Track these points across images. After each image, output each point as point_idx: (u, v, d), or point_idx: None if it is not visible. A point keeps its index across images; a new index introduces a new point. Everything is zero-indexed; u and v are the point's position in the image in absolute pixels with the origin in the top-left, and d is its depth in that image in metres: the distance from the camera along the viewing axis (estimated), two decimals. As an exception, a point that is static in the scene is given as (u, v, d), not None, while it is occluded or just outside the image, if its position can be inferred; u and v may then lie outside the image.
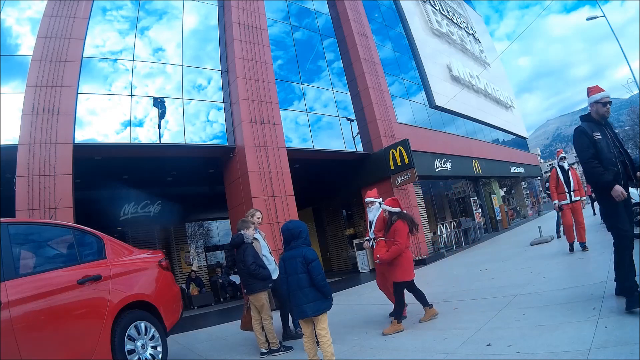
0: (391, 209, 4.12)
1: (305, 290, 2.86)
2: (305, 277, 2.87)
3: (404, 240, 3.91)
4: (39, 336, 2.56)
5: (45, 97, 6.65)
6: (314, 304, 2.85)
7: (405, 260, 3.94)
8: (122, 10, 8.41)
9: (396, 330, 3.76)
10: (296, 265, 2.89)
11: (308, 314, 2.86)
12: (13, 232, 2.81)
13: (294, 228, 3.01)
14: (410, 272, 3.95)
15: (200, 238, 13.85)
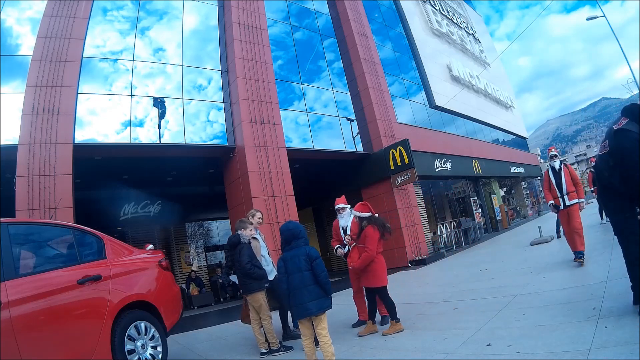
0: (361, 215, 4.07)
1: (309, 287, 2.86)
2: (309, 275, 2.88)
3: (374, 247, 3.88)
4: (39, 336, 2.56)
5: (45, 97, 6.65)
6: (318, 301, 2.86)
7: (378, 266, 3.91)
8: (122, 10, 8.41)
9: (397, 330, 3.76)
10: (300, 263, 2.90)
11: (313, 312, 2.85)
12: (13, 232, 2.81)
13: (295, 228, 3.05)
14: (383, 278, 3.91)
15: (200, 238, 13.86)
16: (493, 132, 19.67)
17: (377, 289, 3.92)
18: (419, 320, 4.09)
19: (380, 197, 11.05)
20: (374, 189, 11.24)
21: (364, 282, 4.08)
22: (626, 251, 2.74)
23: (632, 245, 2.65)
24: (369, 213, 4.07)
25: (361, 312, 4.38)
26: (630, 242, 2.66)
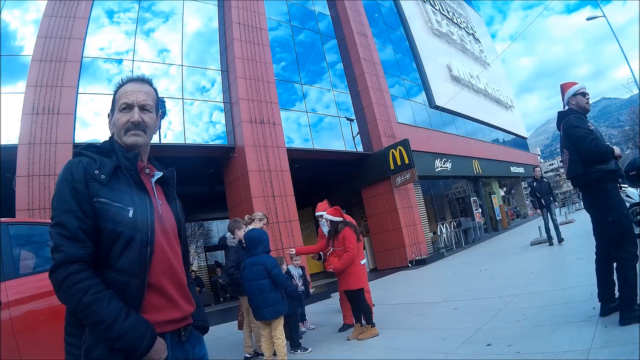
0: (334, 219, 4.08)
1: (264, 295, 3.11)
2: (266, 283, 3.11)
3: (354, 247, 3.88)
4: (39, 336, 2.56)
5: (45, 97, 6.65)
6: (273, 308, 3.12)
7: (356, 269, 3.91)
8: (121, 10, 8.41)
9: (372, 335, 3.74)
10: (257, 272, 3.13)
11: (267, 317, 3.13)
12: (13, 232, 2.81)
13: (256, 236, 3.26)
14: (361, 280, 3.90)
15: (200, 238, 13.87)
16: (493, 132, 19.67)
17: (354, 291, 3.90)
18: (419, 320, 4.09)
19: (380, 197, 11.05)
20: (374, 189, 11.24)
21: (342, 285, 4.05)
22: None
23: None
24: (340, 218, 4.09)
25: (347, 316, 4.37)
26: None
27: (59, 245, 0.94)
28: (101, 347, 0.92)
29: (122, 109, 1.16)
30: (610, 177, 2.67)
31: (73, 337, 0.96)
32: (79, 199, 0.98)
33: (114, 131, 1.19)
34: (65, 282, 0.91)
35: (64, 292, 0.92)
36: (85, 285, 0.91)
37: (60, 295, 0.94)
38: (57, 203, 0.98)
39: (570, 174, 2.83)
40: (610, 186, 2.68)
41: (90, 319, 0.91)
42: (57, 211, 0.97)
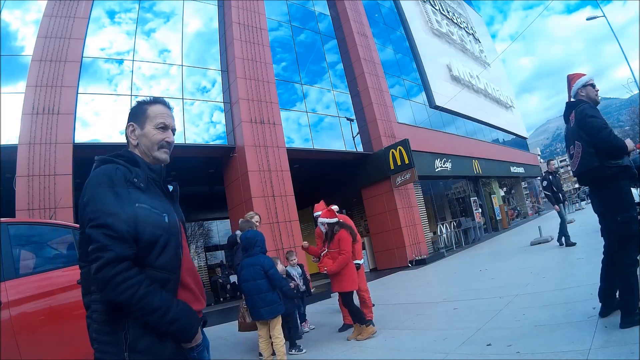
0: (329, 221, 4.07)
1: (262, 295, 3.16)
2: (263, 283, 3.15)
3: (349, 248, 3.88)
4: (39, 336, 2.56)
5: (45, 97, 6.65)
6: (270, 308, 3.16)
7: (347, 271, 3.89)
8: (122, 10, 8.41)
9: (370, 334, 3.74)
10: (255, 272, 3.18)
11: (265, 317, 3.17)
12: (13, 232, 2.81)
13: (251, 237, 3.30)
14: (351, 283, 3.89)
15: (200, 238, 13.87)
16: (493, 132, 19.68)
17: (343, 293, 3.90)
18: (419, 320, 4.09)
19: (380, 197, 11.05)
20: (374, 189, 11.24)
21: (334, 287, 4.03)
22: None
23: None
24: (335, 219, 4.09)
25: (347, 316, 4.37)
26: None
27: (106, 245, 1.01)
28: (148, 337, 1.03)
29: (159, 127, 1.27)
30: (625, 174, 2.51)
31: (107, 335, 1.03)
32: (122, 203, 1.06)
33: (138, 142, 1.27)
34: (117, 278, 0.99)
35: (114, 287, 0.99)
36: (137, 280, 1.01)
37: (110, 291, 1.00)
38: (100, 206, 1.04)
39: (584, 167, 2.58)
40: (623, 183, 2.52)
41: (147, 308, 1.01)
42: (100, 213, 1.03)
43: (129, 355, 1.01)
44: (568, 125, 2.80)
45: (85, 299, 1.13)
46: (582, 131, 2.58)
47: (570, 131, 2.73)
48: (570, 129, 2.73)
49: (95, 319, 1.06)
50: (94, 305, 1.07)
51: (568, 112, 2.79)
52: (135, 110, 1.30)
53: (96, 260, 1.00)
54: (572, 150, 2.71)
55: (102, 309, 1.05)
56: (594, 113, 2.58)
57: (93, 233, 1.02)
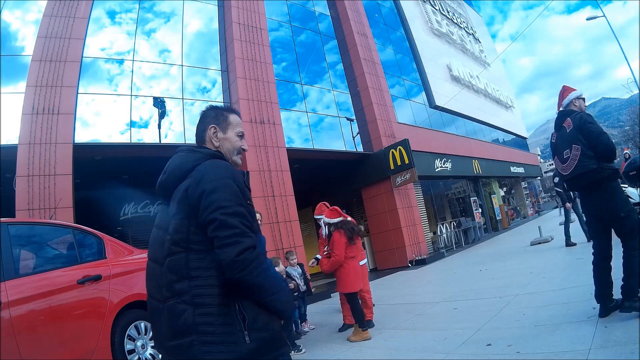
0: (329, 221, 4.08)
1: None
2: None
3: (340, 252, 3.88)
4: (39, 336, 2.56)
5: (45, 97, 6.64)
6: None
7: (347, 272, 3.89)
8: (122, 10, 8.41)
9: (363, 338, 3.73)
10: None
11: None
12: (13, 232, 2.81)
13: None
14: (354, 283, 3.89)
15: (200, 238, 13.87)
16: (493, 132, 19.68)
17: (346, 294, 3.91)
18: (419, 320, 4.09)
19: (380, 197, 11.05)
20: (374, 189, 11.24)
21: (338, 287, 4.07)
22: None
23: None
24: (340, 218, 4.07)
25: (347, 316, 4.37)
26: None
27: (245, 231, 1.11)
28: (263, 315, 1.13)
29: (239, 134, 1.39)
30: (616, 175, 2.74)
31: (222, 317, 1.09)
32: (243, 198, 1.17)
33: (220, 144, 1.35)
34: (257, 261, 1.11)
35: (253, 269, 1.09)
36: (267, 264, 1.16)
37: (249, 272, 1.09)
38: (230, 196, 1.13)
39: (582, 170, 2.72)
40: (616, 184, 2.73)
41: (274, 287, 1.15)
42: (232, 202, 1.13)
43: (249, 333, 1.08)
44: (561, 131, 2.93)
45: (178, 284, 1.11)
46: (582, 135, 2.73)
47: (567, 136, 2.85)
48: (567, 134, 2.85)
49: (203, 303, 1.08)
50: (201, 290, 1.09)
51: (561, 120, 2.95)
52: (216, 115, 1.37)
53: (235, 244, 1.07)
54: (567, 154, 2.83)
55: (217, 292, 1.09)
56: (592, 120, 2.78)
57: (228, 219, 1.09)
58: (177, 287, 1.11)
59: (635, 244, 2.61)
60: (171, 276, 1.13)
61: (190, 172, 1.20)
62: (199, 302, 1.08)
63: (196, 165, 1.20)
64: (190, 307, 1.08)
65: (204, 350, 1.06)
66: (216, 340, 1.07)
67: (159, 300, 1.17)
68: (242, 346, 1.07)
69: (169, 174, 1.26)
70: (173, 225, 1.16)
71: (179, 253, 1.13)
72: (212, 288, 1.10)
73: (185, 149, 1.29)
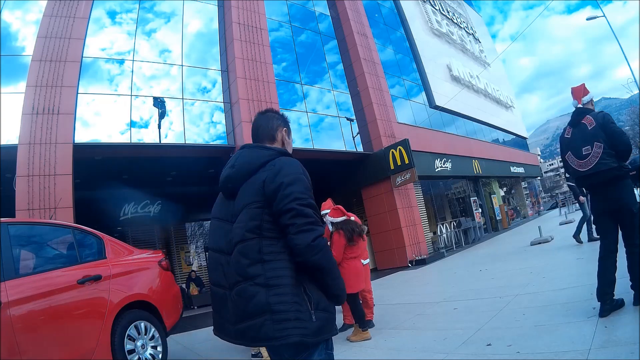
0: (332, 220, 4.05)
1: None
2: None
3: (338, 252, 3.85)
4: (39, 336, 2.56)
5: (45, 97, 6.65)
6: None
7: (349, 272, 3.85)
8: (123, 10, 8.41)
9: (363, 338, 3.73)
10: None
11: None
12: (13, 232, 2.81)
13: None
14: (353, 284, 3.84)
15: (200, 238, 13.84)
16: (493, 132, 19.68)
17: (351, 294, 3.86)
18: (419, 320, 4.09)
19: (380, 197, 11.05)
20: (374, 189, 11.23)
21: None
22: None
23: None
24: (342, 217, 4.04)
25: (347, 316, 4.36)
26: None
27: (317, 221, 1.23)
28: (324, 299, 1.24)
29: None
30: (629, 174, 2.87)
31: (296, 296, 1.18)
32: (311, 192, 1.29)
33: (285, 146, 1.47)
34: (326, 247, 1.23)
35: (324, 253, 1.21)
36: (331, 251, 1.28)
37: (321, 256, 1.20)
38: (304, 189, 1.24)
39: (603, 167, 2.77)
40: (630, 181, 2.89)
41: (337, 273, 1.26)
42: (307, 195, 1.24)
43: (315, 313, 1.19)
44: (580, 127, 2.94)
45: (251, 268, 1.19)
46: (606, 134, 2.78)
47: (588, 133, 2.85)
48: (588, 131, 2.85)
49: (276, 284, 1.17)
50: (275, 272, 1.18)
51: (580, 116, 2.95)
52: (283, 119, 1.50)
53: (311, 231, 1.18)
54: (588, 151, 2.84)
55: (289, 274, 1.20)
56: (613, 120, 2.88)
57: (304, 209, 1.19)
58: (250, 270, 1.19)
59: (637, 241, 2.74)
60: (244, 261, 1.20)
61: (262, 166, 1.27)
62: (273, 284, 1.17)
63: (269, 160, 1.28)
64: (263, 289, 1.16)
65: (276, 328, 1.14)
66: (290, 317, 1.15)
67: (225, 288, 1.26)
68: (310, 324, 1.18)
69: (238, 168, 1.32)
70: (247, 214, 1.23)
71: (252, 239, 1.20)
72: (285, 270, 1.19)
73: (253, 146, 1.38)
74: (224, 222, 1.31)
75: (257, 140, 1.44)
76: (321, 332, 1.20)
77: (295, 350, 1.20)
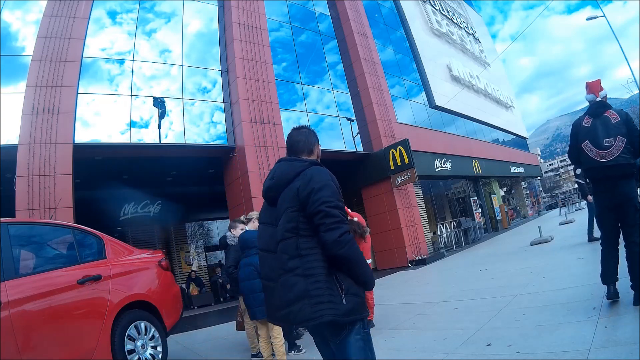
0: None
1: (255, 295, 3.18)
2: (257, 283, 3.15)
3: None
4: (39, 336, 2.56)
5: (45, 97, 6.65)
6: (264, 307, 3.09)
7: None
8: (123, 11, 8.41)
9: None
10: (249, 272, 3.22)
11: (258, 317, 3.19)
12: (13, 232, 2.81)
13: (248, 238, 3.34)
14: None
15: (200, 238, 13.85)
16: (493, 132, 19.67)
17: None
18: (419, 320, 4.09)
19: (380, 197, 11.05)
20: (374, 189, 11.23)
21: None
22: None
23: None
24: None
25: None
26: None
27: (343, 220, 1.42)
28: (354, 285, 1.43)
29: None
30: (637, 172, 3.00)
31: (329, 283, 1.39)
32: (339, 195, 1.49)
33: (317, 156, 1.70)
34: (352, 241, 1.41)
35: (351, 246, 1.41)
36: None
37: (347, 249, 1.39)
38: (332, 193, 1.44)
39: (623, 161, 2.85)
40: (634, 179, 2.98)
41: (363, 263, 1.45)
42: (334, 198, 1.43)
43: (345, 297, 1.39)
44: (602, 119, 2.97)
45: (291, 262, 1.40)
46: (628, 130, 2.88)
47: (612, 127, 2.92)
48: (612, 124, 2.92)
49: (313, 274, 1.38)
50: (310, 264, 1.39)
51: (602, 109, 3.01)
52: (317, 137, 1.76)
53: (338, 228, 1.38)
54: (610, 143, 2.89)
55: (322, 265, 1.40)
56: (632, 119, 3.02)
57: (332, 211, 1.39)
58: (290, 264, 1.41)
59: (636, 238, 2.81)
60: (285, 256, 1.42)
61: (297, 176, 1.49)
62: (310, 274, 1.38)
63: (302, 170, 1.50)
64: (302, 279, 1.38)
65: (314, 310, 1.36)
66: (324, 300, 1.36)
67: (273, 280, 1.47)
68: (341, 306, 1.38)
69: (277, 179, 1.54)
70: (286, 217, 1.44)
71: (291, 238, 1.42)
72: (318, 262, 1.40)
73: (289, 159, 1.61)
74: (269, 226, 1.54)
75: (295, 153, 1.65)
76: (352, 313, 1.40)
77: (334, 329, 1.43)
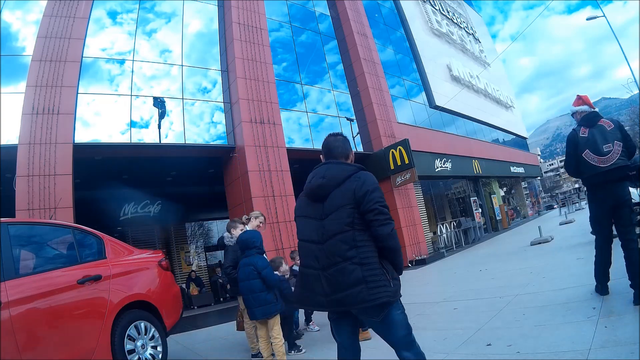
0: None
1: (254, 295, 3.19)
2: (256, 283, 3.19)
3: None
4: (39, 336, 2.56)
5: (45, 97, 6.64)
6: (263, 308, 3.18)
7: None
8: (123, 11, 8.41)
9: (364, 338, 3.70)
10: (248, 272, 3.22)
11: (257, 317, 3.20)
12: (13, 232, 2.81)
13: (248, 238, 3.34)
14: None
15: (200, 238, 13.84)
16: (493, 132, 19.67)
17: None
18: (419, 320, 4.09)
19: (380, 197, 11.03)
20: (374, 189, 11.21)
21: None
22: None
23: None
24: None
25: None
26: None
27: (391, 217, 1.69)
28: (394, 272, 1.71)
29: None
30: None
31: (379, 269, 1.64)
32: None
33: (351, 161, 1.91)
34: (396, 234, 1.70)
35: (396, 239, 1.70)
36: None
37: (395, 241, 1.69)
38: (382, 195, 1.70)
39: (622, 163, 3.06)
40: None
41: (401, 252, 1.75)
42: (383, 199, 1.70)
43: (392, 281, 1.66)
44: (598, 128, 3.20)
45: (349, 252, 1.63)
46: (623, 136, 3.14)
47: (609, 133, 3.16)
48: (608, 131, 3.16)
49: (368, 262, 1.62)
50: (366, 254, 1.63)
51: (596, 119, 3.27)
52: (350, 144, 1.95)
53: (389, 223, 1.65)
54: (609, 148, 3.10)
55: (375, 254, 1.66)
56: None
57: (384, 209, 1.65)
58: (349, 253, 1.63)
59: (634, 235, 2.98)
60: (343, 246, 1.64)
61: (348, 178, 1.72)
62: (365, 262, 1.62)
63: (353, 173, 1.73)
64: (358, 267, 1.61)
65: (370, 293, 1.59)
66: (379, 284, 1.61)
67: (315, 269, 1.70)
68: (390, 288, 1.64)
69: (329, 179, 1.74)
70: (342, 212, 1.67)
71: (348, 231, 1.65)
72: (371, 252, 1.65)
73: (337, 162, 1.82)
74: (314, 220, 1.75)
75: (333, 157, 1.86)
76: (397, 294, 1.70)
77: (380, 308, 1.65)
